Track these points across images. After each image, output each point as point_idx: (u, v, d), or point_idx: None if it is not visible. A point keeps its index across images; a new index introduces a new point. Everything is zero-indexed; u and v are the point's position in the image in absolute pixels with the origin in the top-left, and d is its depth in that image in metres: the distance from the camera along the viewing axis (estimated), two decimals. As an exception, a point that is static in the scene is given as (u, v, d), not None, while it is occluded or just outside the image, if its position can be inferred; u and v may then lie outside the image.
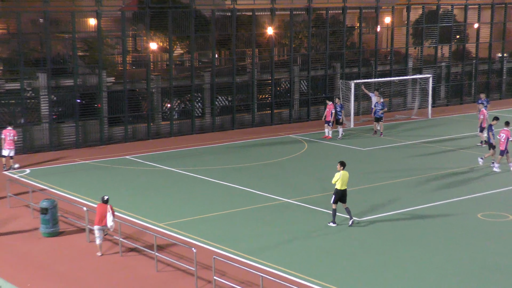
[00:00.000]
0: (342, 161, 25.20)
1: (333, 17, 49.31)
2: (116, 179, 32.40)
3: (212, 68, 43.91)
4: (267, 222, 25.80)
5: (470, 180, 31.84)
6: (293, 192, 29.67)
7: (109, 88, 40.45)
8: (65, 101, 39.36)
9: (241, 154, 37.48)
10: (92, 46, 41.13)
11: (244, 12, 46.52)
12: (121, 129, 41.02)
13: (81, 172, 33.71)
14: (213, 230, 24.90)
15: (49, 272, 21.50)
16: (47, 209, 24.39)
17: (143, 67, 42.60)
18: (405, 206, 27.44)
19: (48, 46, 38.35)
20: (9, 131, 33.91)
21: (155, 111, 42.20)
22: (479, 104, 40.04)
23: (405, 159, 35.97)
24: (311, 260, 22.02)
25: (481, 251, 22.74)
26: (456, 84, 54.68)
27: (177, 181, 31.90)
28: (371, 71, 50.25)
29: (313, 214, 26.74)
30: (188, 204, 28.17)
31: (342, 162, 25.11)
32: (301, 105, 47.95)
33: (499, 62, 57.47)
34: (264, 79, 46.57)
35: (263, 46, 47.11)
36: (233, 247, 22.98)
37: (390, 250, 22.85)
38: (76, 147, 39.21)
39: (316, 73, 48.23)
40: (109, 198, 23.14)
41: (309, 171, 33.58)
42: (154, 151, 38.41)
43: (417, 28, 53.10)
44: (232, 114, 44.97)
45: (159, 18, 42.33)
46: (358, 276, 20.74)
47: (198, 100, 43.99)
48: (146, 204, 28.34)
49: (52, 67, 38.58)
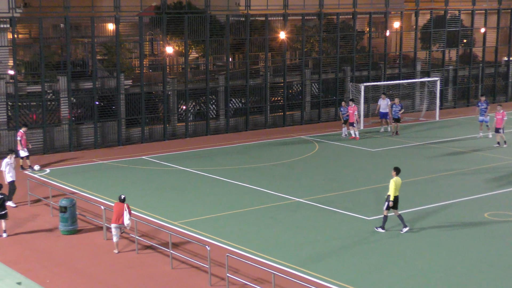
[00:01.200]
0: (397, 167, 24.32)
1: (343, 22, 49.37)
2: (133, 178, 32.49)
3: (226, 71, 44.08)
4: (279, 221, 25.89)
5: (476, 180, 31.90)
6: (305, 192, 29.70)
7: (126, 90, 40.71)
8: (84, 103, 39.63)
9: (254, 155, 37.56)
10: (111, 50, 41.48)
11: (257, 17, 46.69)
12: (138, 130, 41.28)
13: (99, 172, 33.98)
14: (227, 228, 25.00)
15: (68, 269, 21.62)
16: (66, 208, 24.58)
17: (159, 71, 42.87)
18: (413, 205, 27.49)
19: (68, 50, 38.57)
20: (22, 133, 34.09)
21: (171, 113, 42.35)
22: (479, 107, 41.00)
23: (413, 159, 36.02)
24: (321, 258, 22.10)
25: (488, 250, 22.83)
26: (463, 87, 54.75)
27: (192, 180, 32.00)
28: (380, 74, 50.30)
29: (324, 213, 26.85)
30: (202, 203, 28.25)
31: (397, 168, 24.25)
32: (313, 107, 48.05)
33: (505, 65, 57.42)
34: (277, 82, 46.70)
35: (276, 50, 47.22)
36: (246, 245, 23.05)
37: (395, 248, 22.95)
38: (94, 148, 39.52)
39: (327, 76, 48.37)
40: (126, 197, 23.20)
41: (320, 172, 33.63)
42: (170, 151, 38.56)
43: (425, 33, 53.13)
44: (245, 116, 45.18)
45: (175, 23, 42.54)
46: (366, 273, 20.85)
47: (213, 102, 44.11)
48: (162, 203, 28.49)
49: (72, 70, 38.87)
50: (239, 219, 26.27)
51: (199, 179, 32.34)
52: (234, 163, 35.69)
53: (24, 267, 21.82)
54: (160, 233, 24.21)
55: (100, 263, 22.12)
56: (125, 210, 22.72)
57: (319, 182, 31.66)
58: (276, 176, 32.74)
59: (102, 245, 23.75)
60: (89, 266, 21.84)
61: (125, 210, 22.72)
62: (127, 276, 21.10)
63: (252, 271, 20.73)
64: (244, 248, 22.89)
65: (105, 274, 21.30)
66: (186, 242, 23.25)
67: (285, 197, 29.05)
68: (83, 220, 26.04)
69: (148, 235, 24.28)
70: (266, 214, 26.84)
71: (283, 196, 29.19)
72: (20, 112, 37.66)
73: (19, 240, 24.38)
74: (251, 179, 32.05)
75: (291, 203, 28.34)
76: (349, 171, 34.00)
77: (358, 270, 21.24)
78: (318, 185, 31.01)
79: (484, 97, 42.89)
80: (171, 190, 30.60)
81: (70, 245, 23.75)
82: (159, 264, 21.84)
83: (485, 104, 41.50)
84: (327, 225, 25.53)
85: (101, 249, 23.37)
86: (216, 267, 21.09)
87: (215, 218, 26.44)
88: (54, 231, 25.18)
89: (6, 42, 38.26)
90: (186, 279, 20.73)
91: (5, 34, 38.19)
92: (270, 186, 30.85)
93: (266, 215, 26.72)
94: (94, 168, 34.95)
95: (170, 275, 21.08)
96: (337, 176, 33.10)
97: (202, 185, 31.36)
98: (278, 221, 26.00)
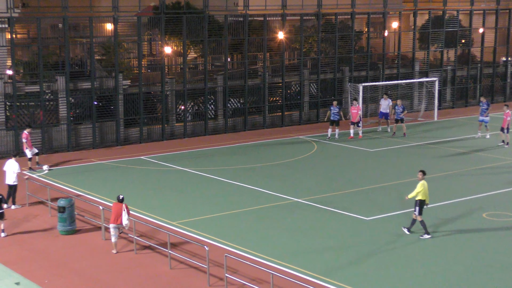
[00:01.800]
0: (423, 170, 24.31)
1: (341, 22, 49.36)
2: (131, 178, 32.51)
3: (224, 72, 44.05)
4: (277, 221, 25.94)
5: (475, 180, 31.97)
6: (303, 192, 29.75)
7: (125, 90, 40.65)
8: (83, 103, 39.57)
9: (253, 155, 37.55)
10: (109, 50, 41.48)
11: (256, 17, 46.67)
12: (136, 130, 41.25)
13: (97, 172, 33.96)
14: (225, 229, 25.02)
15: (66, 269, 21.65)
16: (64, 208, 24.55)
17: (158, 71, 42.82)
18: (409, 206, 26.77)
19: (66, 50, 38.50)
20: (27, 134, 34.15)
21: (170, 113, 42.34)
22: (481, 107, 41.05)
23: (412, 160, 36.04)
24: (319, 259, 22.16)
25: (486, 250, 22.90)
26: (462, 87, 54.77)
27: (190, 181, 32.00)
28: (379, 75, 50.29)
29: (322, 213, 26.87)
30: (201, 203, 28.27)
31: (423, 171, 24.19)
32: (311, 108, 47.99)
33: (503, 65, 57.37)
34: (275, 82, 46.66)
35: (274, 50, 47.20)
36: (245, 245, 23.11)
37: (395, 248, 23.03)
38: (93, 148, 39.46)
39: (325, 76, 48.39)
40: (124, 197, 23.23)
41: (318, 172, 33.66)
42: (168, 151, 38.52)
43: (423, 33, 53.09)
44: (244, 116, 45.15)
45: (173, 23, 42.58)
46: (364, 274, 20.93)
47: (211, 103, 44.13)
48: (160, 203, 28.48)
49: (71, 71, 38.83)
50: (237, 219, 26.30)
51: (197, 179, 32.34)
52: (232, 163, 35.72)
53: (22, 267, 21.84)
54: (158, 233, 24.24)
55: (98, 264, 22.17)
56: (123, 210, 22.75)
57: (317, 182, 31.68)
58: (274, 176, 32.74)
59: (100, 245, 23.77)
60: (87, 267, 21.88)
61: (123, 210, 22.75)
62: (126, 277, 21.14)
63: (251, 271, 20.77)
64: (242, 248, 22.94)
65: (104, 274, 21.36)
66: (185, 242, 23.27)
67: (284, 197, 29.07)
68: (82, 220, 26.05)
69: (147, 235, 24.31)
70: (265, 214, 26.89)
71: (281, 196, 29.21)
72: (18, 112, 37.60)
73: (18, 240, 24.39)
74: (250, 179, 32.06)
75: (289, 203, 28.37)
76: (348, 171, 34.08)
77: (355, 270, 21.30)
78: (317, 185, 31.04)
79: (484, 98, 42.73)
80: (169, 190, 30.63)
81: (69, 245, 23.77)
82: (157, 265, 21.89)
83: (486, 105, 41.35)
84: (325, 225, 25.60)
85: (99, 249, 23.41)
86: (214, 267, 21.15)
87: (213, 218, 26.46)
88: (52, 231, 25.18)
89: (5, 42, 38.19)
90: (184, 280, 20.76)
91: (4, 34, 38.09)
92: (269, 186, 30.85)
93: (264, 215, 26.78)
94: (93, 168, 34.95)
95: (168, 275, 21.12)
96: (335, 176, 33.17)
97: (200, 185, 31.36)
98: (276, 222, 26.03)
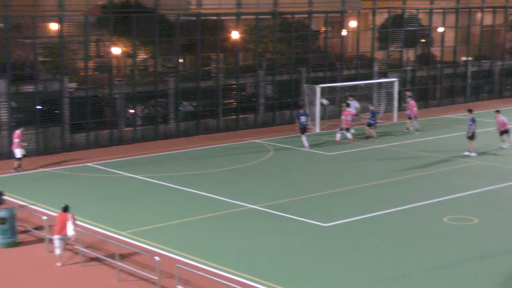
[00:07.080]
0: None
1: (299, 21, 49.49)
2: (78, 187, 32.22)
3: (176, 73, 43.96)
4: (231, 229, 25.90)
5: (435, 184, 32.09)
6: (259, 198, 29.72)
7: (71, 94, 40.23)
8: (25, 107, 39.15)
9: (206, 160, 37.46)
10: (54, 51, 40.89)
11: (209, 17, 46.47)
12: (83, 136, 40.82)
13: (41, 180, 33.50)
14: (177, 238, 24.91)
15: (8, 284, 21.31)
16: (5, 219, 24.16)
17: (106, 73, 42.36)
18: (368, 211, 27.54)
19: (8, 52, 38.12)
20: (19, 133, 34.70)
21: (118, 117, 42.05)
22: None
23: (370, 163, 36.17)
24: (275, 266, 22.08)
25: (447, 255, 22.88)
26: (422, 88, 55.14)
27: (140, 188, 31.87)
28: (337, 75, 50.43)
29: (278, 220, 26.82)
30: (151, 212, 28.09)
31: None
32: (267, 110, 48.01)
33: (463, 66, 57.96)
34: (230, 84, 46.60)
35: (229, 50, 47.18)
36: (197, 255, 23.00)
37: (355, 256, 22.89)
38: (36, 155, 38.77)
39: (281, 77, 48.38)
40: (70, 206, 23.06)
41: (274, 177, 33.73)
42: (117, 157, 38.27)
43: (382, 32, 53.54)
44: (197, 120, 44.90)
45: (122, 23, 42.23)
46: (322, 282, 20.77)
47: (163, 106, 43.95)
48: (108, 212, 28.26)
49: (13, 73, 38.25)
50: (190, 228, 26.17)
51: (147, 187, 32.22)
52: (184, 169, 35.57)
53: (-39, 283, 21.56)
54: (106, 244, 24.07)
55: (42, 277, 21.89)
56: (68, 220, 22.62)
57: (274, 187, 31.82)
58: (228, 182, 32.72)
59: (44, 258, 23.43)
60: (30, 281, 21.61)
61: (68, 220, 22.62)
62: (71, 290, 20.99)
63: (204, 282, 20.60)
64: (195, 258, 22.83)
65: (48, 288, 21.09)
66: (134, 253, 23.10)
67: (238, 204, 29.01)
68: (24, 232, 25.68)
69: (94, 247, 24.03)
70: (218, 222, 26.82)
71: (236, 203, 29.15)
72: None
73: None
74: (203, 186, 31.96)
75: (244, 210, 28.33)
76: (305, 176, 34.14)
77: (313, 278, 21.26)
78: (273, 191, 31.14)
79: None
80: (118, 198, 30.43)
81: (11, 259, 23.46)
82: (105, 277, 21.68)
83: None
84: (281, 232, 25.54)
85: (43, 262, 23.08)
86: (165, 278, 21.01)
87: (164, 227, 26.29)
88: (-8, 244, 24.83)
89: None
90: (133, 292, 20.76)
91: None
92: (222, 193, 30.78)
93: (218, 223, 26.70)
94: (36, 176, 34.51)
95: (116, 288, 20.96)
96: (292, 181, 33.33)
97: (151, 192, 31.24)
98: (231, 230, 26.00)
